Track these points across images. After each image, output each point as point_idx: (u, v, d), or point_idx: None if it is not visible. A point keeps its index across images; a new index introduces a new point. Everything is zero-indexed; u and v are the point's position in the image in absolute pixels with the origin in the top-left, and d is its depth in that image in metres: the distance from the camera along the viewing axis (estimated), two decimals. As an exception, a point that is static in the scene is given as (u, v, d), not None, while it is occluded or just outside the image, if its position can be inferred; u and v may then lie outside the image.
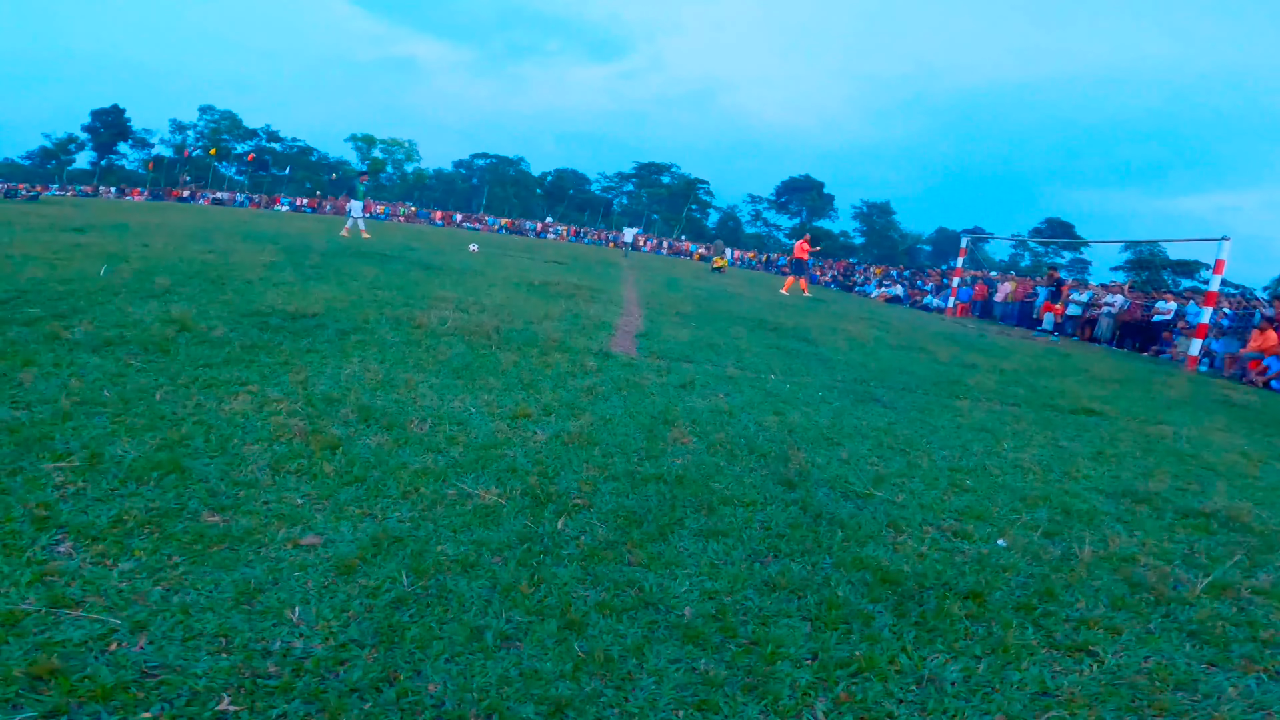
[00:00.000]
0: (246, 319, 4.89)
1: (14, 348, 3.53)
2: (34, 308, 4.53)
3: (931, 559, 2.52)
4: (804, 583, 2.22)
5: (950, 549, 2.64)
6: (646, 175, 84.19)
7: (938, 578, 2.38)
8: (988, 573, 2.47)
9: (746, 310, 11.16)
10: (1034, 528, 2.97)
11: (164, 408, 2.90)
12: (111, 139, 74.25)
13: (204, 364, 3.62)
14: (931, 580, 2.35)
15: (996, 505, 3.20)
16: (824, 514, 2.77)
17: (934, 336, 11.85)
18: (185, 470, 2.33)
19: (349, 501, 2.30)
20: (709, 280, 21.35)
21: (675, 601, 2.02)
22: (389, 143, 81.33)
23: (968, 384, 6.57)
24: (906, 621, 2.09)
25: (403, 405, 3.37)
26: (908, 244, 75.75)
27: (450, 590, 1.89)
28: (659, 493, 2.76)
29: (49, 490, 2.12)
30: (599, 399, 4.00)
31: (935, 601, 2.21)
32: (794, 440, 3.73)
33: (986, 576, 2.43)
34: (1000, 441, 4.41)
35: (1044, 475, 3.81)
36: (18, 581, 1.69)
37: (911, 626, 2.07)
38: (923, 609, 2.17)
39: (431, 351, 4.61)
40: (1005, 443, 4.39)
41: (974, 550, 2.65)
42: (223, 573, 1.81)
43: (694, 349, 6.25)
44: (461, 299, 7.40)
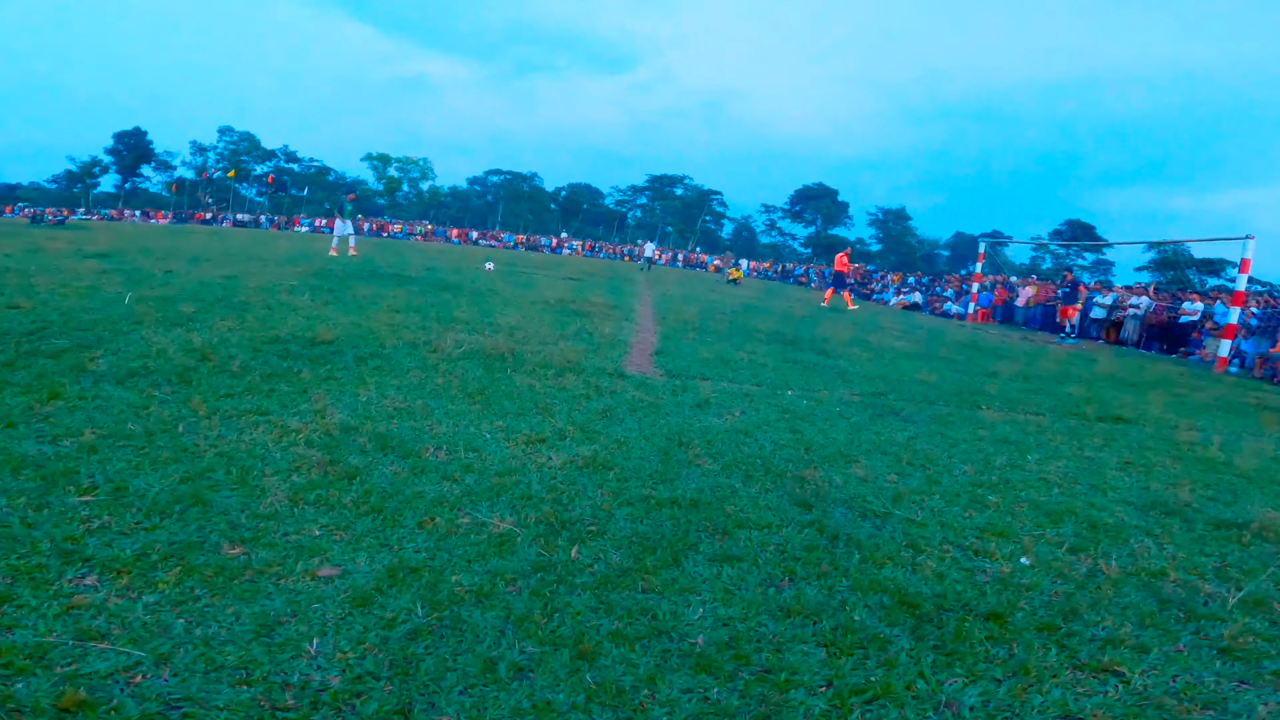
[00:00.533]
0: (266, 346, 4.98)
1: (41, 380, 3.63)
2: (61, 338, 4.66)
3: (951, 579, 2.49)
4: (819, 607, 2.20)
5: (971, 568, 2.61)
6: (659, 187, 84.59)
7: (957, 599, 2.34)
8: (1010, 592, 2.43)
9: (762, 324, 11.13)
10: (1058, 544, 2.92)
11: (186, 440, 2.96)
12: (134, 161, 75.74)
13: (225, 394, 3.69)
14: (951, 601, 2.32)
15: (1020, 521, 3.15)
16: (841, 535, 2.75)
17: (954, 344, 11.72)
18: (207, 503, 2.37)
19: (366, 532, 2.33)
20: (724, 293, 21.35)
21: (688, 629, 2.02)
22: (404, 161, 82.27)
23: (989, 393, 6.49)
24: (925, 645, 2.06)
25: (419, 432, 3.41)
26: (925, 250, 75.18)
27: (465, 621, 1.91)
28: (673, 517, 2.76)
29: (75, 524, 2.17)
30: (614, 421, 4.01)
31: (955, 624, 2.18)
32: (811, 459, 3.71)
33: (1008, 596, 2.40)
34: (1024, 454, 4.35)
35: (1069, 488, 3.75)
36: (45, 614, 1.73)
37: (930, 650, 2.04)
38: (941, 632, 2.14)
39: (447, 376, 4.66)
40: (1029, 455, 4.33)
41: (995, 569, 2.61)
42: (243, 605, 1.84)
43: (710, 365, 6.25)
44: (477, 320, 7.47)
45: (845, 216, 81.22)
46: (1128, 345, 17.25)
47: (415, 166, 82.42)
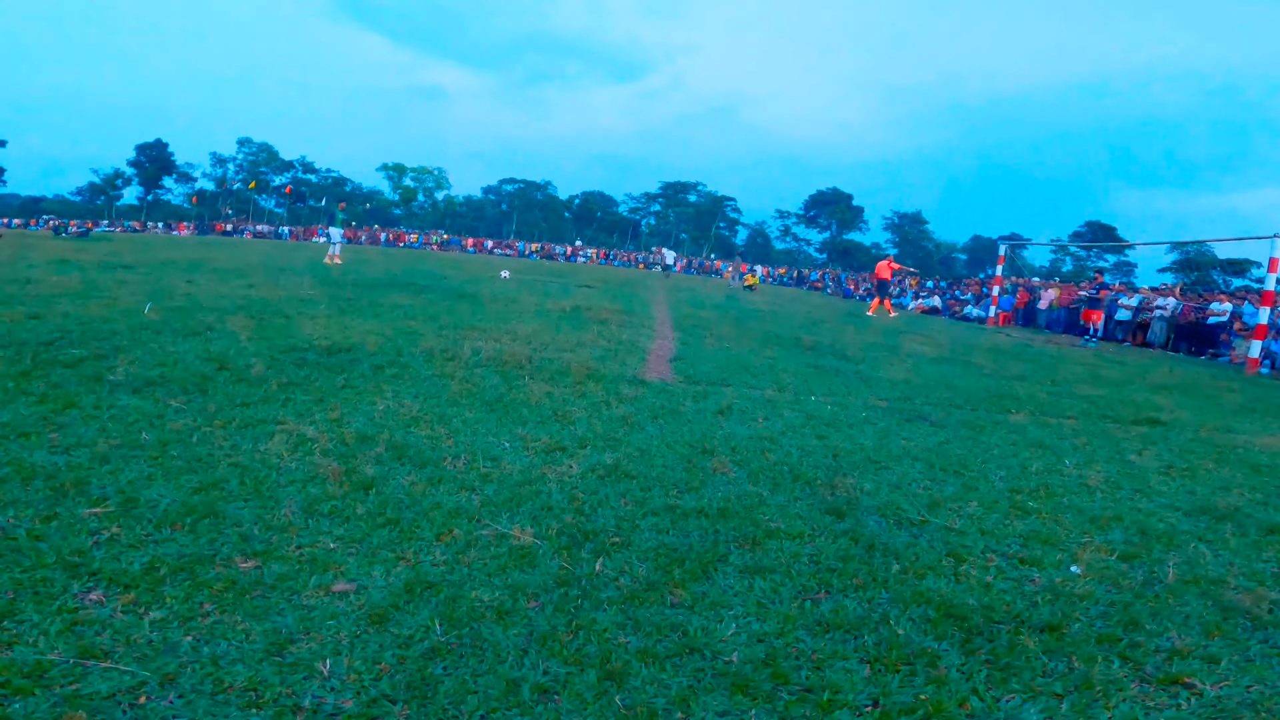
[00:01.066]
0: (284, 355, 4.94)
1: (56, 390, 3.60)
2: (78, 348, 4.65)
3: (998, 589, 2.36)
4: (860, 621, 2.08)
5: (1018, 578, 2.47)
6: (673, 194, 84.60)
7: (1007, 610, 2.21)
8: (1063, 603, 2.30)
9: (781, 329, 11.00)
10: (1109, 551, 2.78)
11: (201, 450, 2.90)
12: (156, 173, 76.74)
13: (241, 403, 3.64)
14: (1001, 613, 2.19)
15: (1065, 528, 3.00)
16: (877, 545, 2.62)
17: (977, 348, 11.50)
18: (219, 514, 2.30)
19: (382, 545, 2.23)
20: (741, 299, 21.21)
21: (721, 646, 1.90)
22: (419, 171, 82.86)
23: (1019, 397, 6.30)
24: (976, 660, 1.94)
25: (436, 441, 3.32)
26: (942, 253, 74.42)
27: (485, 639, 1.81)
28: (700, 527, 2.64)
29: (83, 536, 2.10)
30: (634, 429, 3.91)
31: (1007, 637, 2.05)
32: (839, 465, 3.58)
33: (1062, 607, 2.26)
34: (1061, 458, 4.18)
35: (1113, 493, 3.59)
36: (47, 631, 1.65)
37: (982, 665, 1.92)
38: (993, 645, 2.01)
39: (465, 384, 4.58)
40: (1066, 459, 4.16)
41: (1045, 578, 2.48)
42: (254, 622, 1.75)
43: (730, 371, 6.13)
44: (494, 328, 7.42)
45: (860, 221, 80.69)
46: (1155, 347, 16.87)
47: (430, 176, 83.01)
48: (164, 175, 77.50)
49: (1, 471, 2.52)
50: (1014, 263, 25.10)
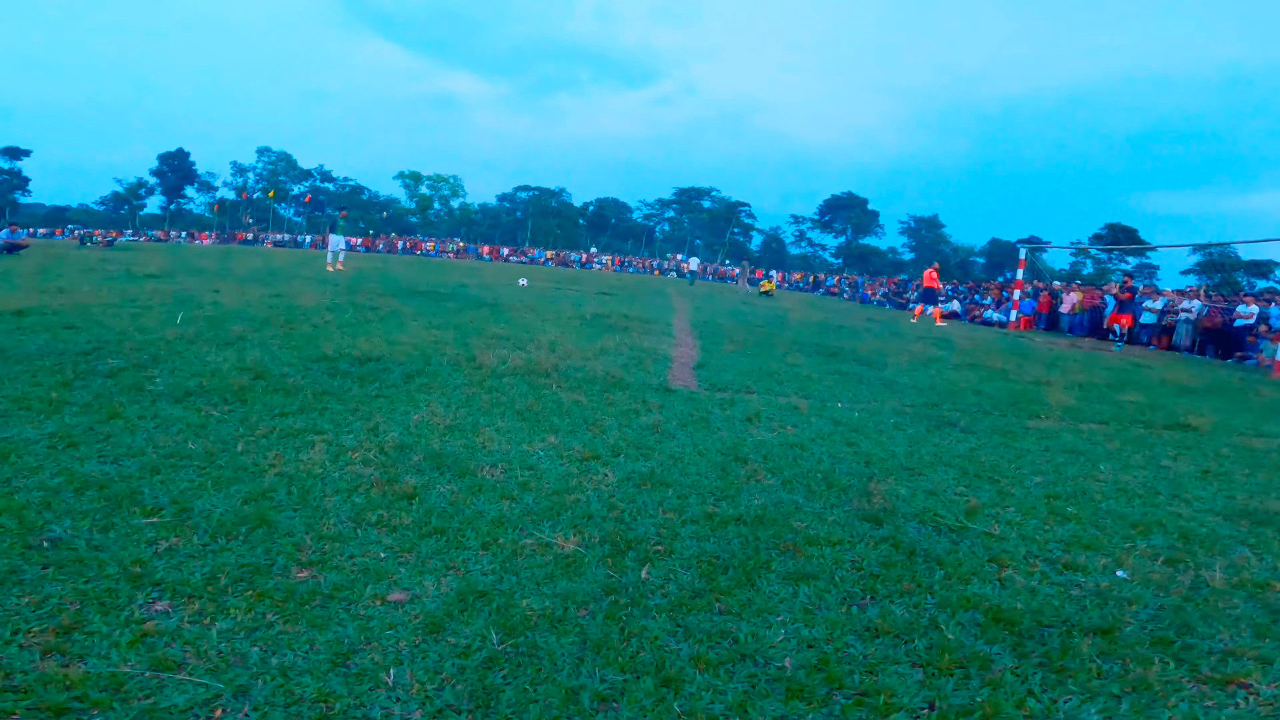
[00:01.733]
0: (316, 365, 5.01)
1: (100, 400, 3.67)
2: (116, 358, 4.74)
3: (1045, 594, 2.37)
4: (909, 626, 2.09)
5: (1064, 582, 2.48)
6: (687, 200, 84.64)
7: (1056, 614, 2.23)
8: (1112, 606, 2.31)
9: (801, 335, 10.97)
10: (1153, 556, 2.78)
11: (245, 459, 2.95)
12: (179, 182, 77.76)
13: (280, 413, 3.70)
14: (1050, 617, 2.20)
15: (1106, 533, 3.00)
16: (918, 551, 2.63)
17: (1000, 353, 11.40)
18: (272, 524, 2.34)
19: (430, 554, 2.27)
20: (758, 305, 21.19)
21: (773, 652, 1.92)
22: (435, 179, 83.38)
23: (1046, 402, 6.25)
24: (1030, 663, 1.95)
25: (472, 450, 3.36)
26: (960, 257, 73.77)
27: (540, 648, 1.83)
28: (740, 535, 2.65)
29: (142, 546, 2.15)
30: (666, 437, 3.92)
31: (1059, 640, 2.07)
32: (872, 472, 3.57)
33: (1112, 610, 2.28)
34: (1095, 464, 4.16)
35: (1151, 499, 3.57)
36: (118, 642, 1.69)
37: (1036, 668, 1.93)
38: (1046, 648, 2.03)
39: (494, 393, 4.63)
40: (1101, 465, 4.13)
41: (1091, 583, 2.49)
42: (316, 632, 1.79)
43: (754, 379, 6.13)
44: (517, 336, 7.47)
45: (876, 225, 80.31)
46: (1180, 350, 16.64)
47: (446, 184, 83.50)
48: (186, 184, 78.57)
49: (54, 481, 2.58)
50: (1034, 266, 24.83)
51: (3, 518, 2.25)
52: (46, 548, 2.07)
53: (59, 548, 2.08)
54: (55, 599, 1.83)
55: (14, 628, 1.71)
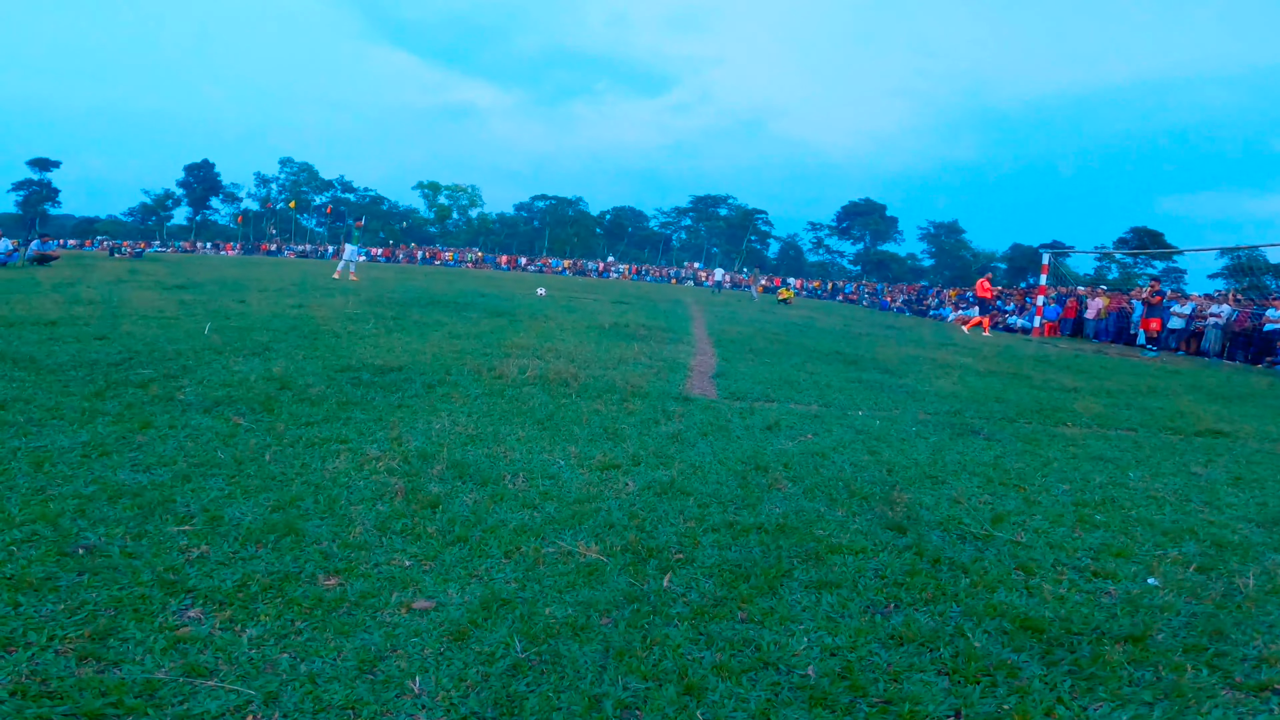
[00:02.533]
0: (339, 374, 5.08)
1: (131, 410, 3.76)
2: (147, 368, 4.85)
3: (1074, 602, 2.34)
4: (934, 634, 2.07)
5: (1093, 590, 2.45)
6: (703, 208, 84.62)
7: (1085, 622, 2.20)
8: (1143, 614, 2.28)
9: (820, 343, 10.91)
10: (1184, 563, 2.74)
11: (273, 468, 3.00)
12: (204, 194, 79.13)
13: (305, 422, 3.76)
14: (1079, 625, 2.18)
15: (1135, 541, 2.96)
16: (942, 559, 2.60)
17: (1024, 359, 11.25)
18: (299, 532, 2.38)
19: (454, 562, 2.29)
20: (776, 313, 21.12)
21: (795, 660, 1.91)
22: (453, 189, 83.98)
23: (1073, 409, 6.15)
24: (1058, 670, 1.93)
25: (494, 460, 3.38)
26: (981, 263, 72.94)
27: (563, 655, 1.84)
28: (761, 543, 2.65)
29: (175, 554, 2.19)
30: (685, 445, 3.92)
31: (1088, 647, 2.05)
32: (894, 480, 3.54)
33: (1143, 618, 2.25)
34: (1124, 471, 4.09)
35: (1182, 506, 3.50)
36: (152, 649, 1.73)
37: (1065, 675, 1.91)
38: (1075, 656, 2.01)
39: (514, 402, 4.66)
40: (1130, 472, 4.06)
41: (1121, 590, 2.46)
42: (344, 639, 1.81)
43: (773, 387, 6.11)
44: (536, 346, 7.51)
45: (895, 232, 79.80)
46: (1209, 355, 16.30)
47: (464, 194, 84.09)
48: (211, 196, 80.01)
49: (88, 490, 2.64)
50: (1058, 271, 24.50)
51: (39, 525, 2.31)
52: (82, 555, 2.12)
53: (94, 555, 2.13)
54: (91, 605, 1.87)
55: (50, 634, 1.75)
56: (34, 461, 2.88)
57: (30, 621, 1.79)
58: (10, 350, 5.15)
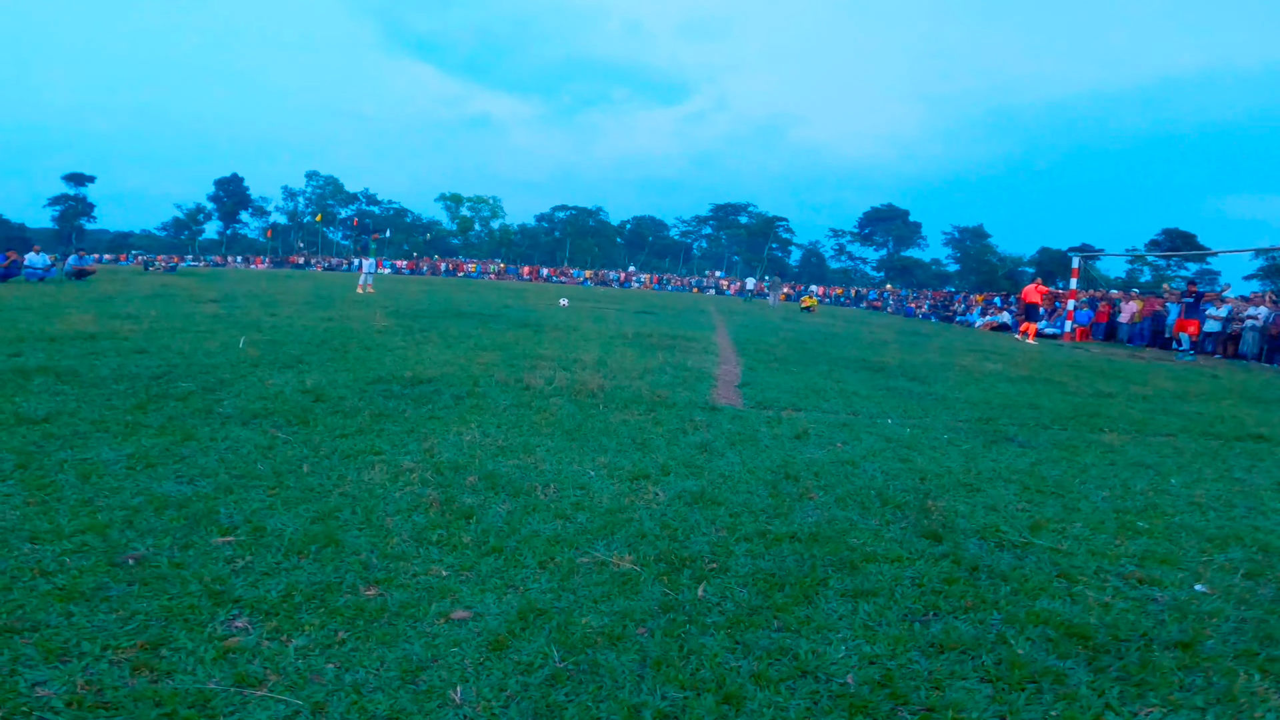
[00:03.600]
0: (371, 387, 5.16)
1: (173, 423, 3.86)
2: (186, 381, 4.97)
3: (1119, 608, 2.31)
4: (975, 641, 2.06)
5: (1139, 597, 2.42)
6: (724, 216, 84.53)
7: (1132, 628, 2.17)
8: (1192, 620, 2.24)
9: (846, 351, 10.83)
10: (1232, 569, 2.69)
11: (312, 480, 3.06)
12: (234, 208, 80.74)
13: (340, 434, 3.82)
14: (1126, 631, 2.15)
15: (1180, 547, 2.90)
16: (981, 567, 2.57)
17: (1057, 365, 11.04)
18: (339, 543, 2.42)
19: (490, 573, 2.31)
20: (801, 321, 21.01)
21: (834, 669, 1.90)
22: (475, 200, 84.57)
23: (1109, 415, 6.03)
24: (1106, 677, 1.91)
25: (525, 470, 3.41)
26: (1008, 268, 71.74)
27: (601, 665, 1.84)
28: (795, 552, 2.63)
29: (221, 564, 2.24)
30: (714, 455, 3.92)
31: (1137, 654, 2.02)
32: (928, 489, 3.50)
33: (1192, 624, 2.21)
34: (1165, 477, 4.00)
35: (1226, 512, 3.42)
36: (202, 658, 1.76)
37: (1113, 682, 1.89)
38: (1123, 662, 1.98)
39: (542, 413, 4.69)
40: (1172, 478, 3.98)
41: (1168, 597, 2.42)
42: (386, 649, 1.84)
43: (800, 396, 6.07)
44: (562, 357, 7.56)
45: (919, 237, 78.94)
46: (1247, 359, 15.84)
47: (486, 205, 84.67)
48: (241, 210, 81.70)
49: (134, 501, 2.71)
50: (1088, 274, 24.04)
51: (88, 535, 2.38)
52: (131, 565, 2.18)
53: (143, 565, 2.19)
54: (142, 615, 1.92)
55: (104, 643, 1.80)
56: (81, 473, 2.97)
57: (83, 631, 1.84)
58: (53, 364, 5.32)
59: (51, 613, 1.91)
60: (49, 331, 7.26)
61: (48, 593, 2.01)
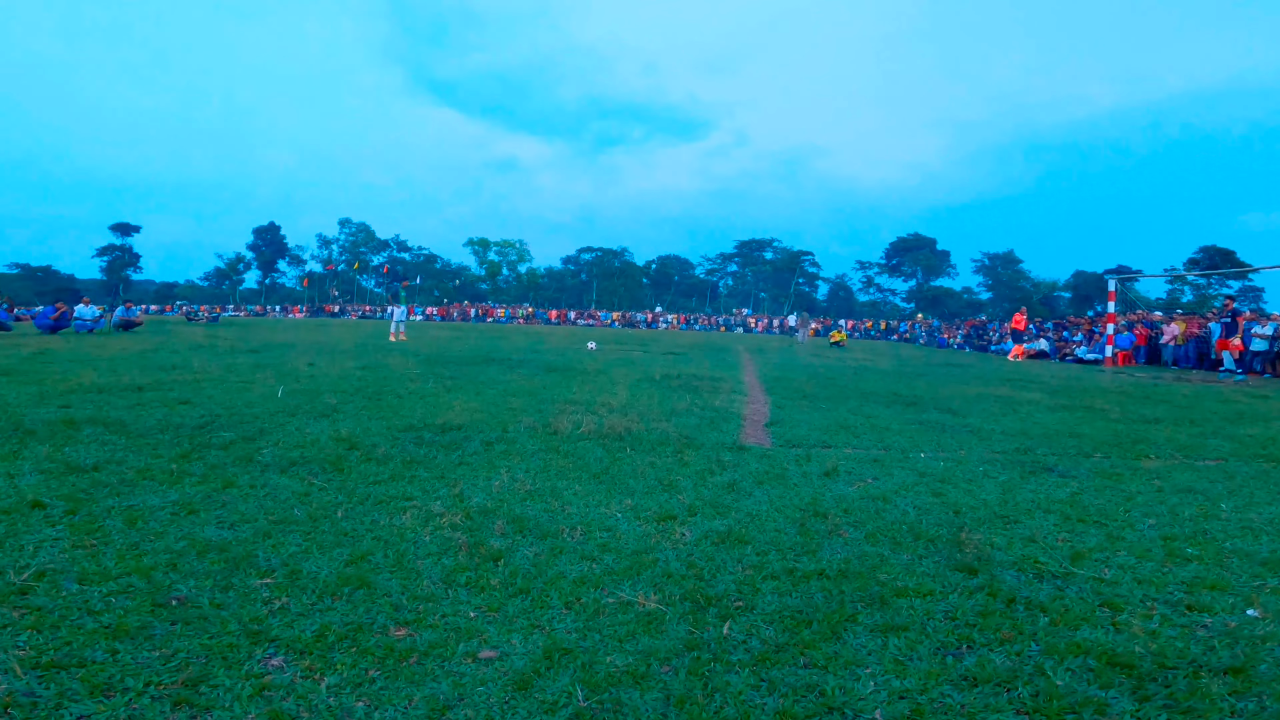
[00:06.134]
0: (403, 434, 5.28)
1: (215, 471, 4.00)
2: (228, 431, 5.15)
3: (1167, 636, 2.25)
4: (1010, 674, 2.01)
5: (1187, 624, 2.35)
6: (749, 253, 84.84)
7: (1180, 655, 2.11)
8: (1244, 645, 2.18)
9: (876, 385, 10.70)
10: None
11: (345, 525, 3.14)
12: (272, 257, 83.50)
13: (373, 481, 3.92)
14: (1174, 659, 2.09)
15: (1232, 573, 2.82)
16: (1018, 598, 2.52)
17: (1098, 391, 10.75)
18: (371, 585, 2.48)
19: (517, 613, 2.34)
20: (829, 356, 20.85)
21: (862, 704, 1.87)
22: (502, 244, 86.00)
23: (1155, 441, 5.85)
24: (1153, 704, 1.87)
25: (552, 514, 3.45)
26: (1042, 293, 70.47)
27: (625, 704, 1.84)
28: (823, 589, 2.60)
29: (258, 605, 2.31)
30: (742, 495, 3.91)
31: (1185, 681, 1.97)
32: (963, 522, 3.44)
33: (1244, 650, 2.15)
34: (1215, 503, 3.88)
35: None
36: (240, 695, 1.82)
37: (1160, 710, 1.85)
38: (1170, 690, 1.93)
39: (570, 458, 4.73)
40: (1222, 504, 3.85)
41: (1218, 623, 2.35)
42: (414, 688, 1.87)
43: (830, 433, 6.02)
44: (589, 400, 7.63)
45: (948, 266, 78.16)
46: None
47: (513, 249, 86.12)
48: (278, 258, 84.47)
49: (178, 545, 2.82)
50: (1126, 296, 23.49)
51: (134, 578, 2.48)
52: (174, 605, 2.27)
53: (185, 605, 2.27)
54: (183, 653, 1.99)
55: (146, 680, 1.87)
56: (128, 519, 3.09)
57: (128, 668, 1.92)
58: (102, 415, 5.56)
59: (98, 649, 2.00)
60: (98, 383, 7.60)
61: (94, 631, 2.10)
